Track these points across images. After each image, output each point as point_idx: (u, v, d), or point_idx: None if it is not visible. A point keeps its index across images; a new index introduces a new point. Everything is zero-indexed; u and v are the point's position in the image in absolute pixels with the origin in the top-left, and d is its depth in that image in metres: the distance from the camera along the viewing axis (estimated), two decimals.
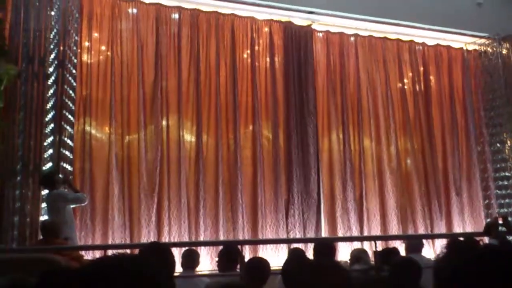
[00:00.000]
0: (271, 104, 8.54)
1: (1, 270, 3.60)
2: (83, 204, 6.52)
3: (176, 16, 8.21)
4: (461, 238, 5.64)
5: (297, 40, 8.85)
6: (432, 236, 9.22)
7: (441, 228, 9.33)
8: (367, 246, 7.82)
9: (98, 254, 6.11)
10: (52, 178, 6.12)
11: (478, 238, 5.46)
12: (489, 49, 10.26)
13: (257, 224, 8.08)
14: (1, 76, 5.71)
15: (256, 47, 8.68)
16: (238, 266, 4.60)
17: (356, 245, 7.54)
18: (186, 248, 5.58)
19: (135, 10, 7.97)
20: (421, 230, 9.16)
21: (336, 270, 2.09)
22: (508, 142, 9.80)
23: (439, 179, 9.60)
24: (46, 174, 6.24)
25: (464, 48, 10.45)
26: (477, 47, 10.38)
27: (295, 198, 8.35)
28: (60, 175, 6.37)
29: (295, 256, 5.57)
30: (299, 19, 8.96)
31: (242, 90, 8.44)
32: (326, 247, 5.33)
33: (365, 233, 8.73)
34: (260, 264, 4.27)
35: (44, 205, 6.28)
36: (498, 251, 1.30)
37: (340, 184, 8.80)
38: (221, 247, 5.21)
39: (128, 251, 6.48)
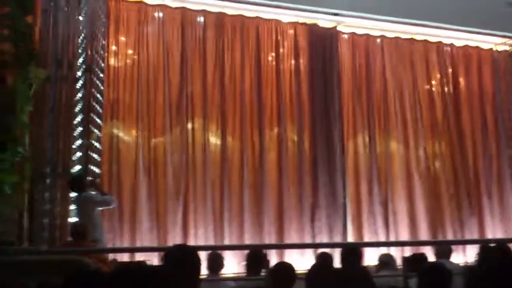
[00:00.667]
0: (296, 106, 8.51)
1: (32, 271, 3.67)
2: (111, 207, 6.58)
3: (201, 19, 8.24)
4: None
5: (322, 42, 8.80)
6: (462, 242, 9.08)
7: (472, 232, 9.17)
8: (395, 250, 7.72)
9: (126, 256, 6.19)
10: (80, 181, 6.20)
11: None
12: None
13: (282, 227, 8.06)
14: (31, 81, 5.81)
15: (281, 50, 8.65)
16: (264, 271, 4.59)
17: (383, 249, 7.44)
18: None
19: (161, 14, 8.02)
20: (450, 234, 9.01)
21: (361, 279, 2.06)
22: None
23: (469, 182, 9.43)
24: (74, 177, 6.33)
25: (494, 48, 10.24)
26: (507, 48, 10.18)
27: (321, 202, 8.30)
28: (89, 178, 6.45)
29: (321, 262, 5.53)
30: (324, 21, 8.90)
31: (267, 92, 8.43)
32: (353, 252, 5.26)
33: (392, 237, 8.62)
34: (286, 269, 4.24)
35: (72, 207, 6.38)
36: None
37: (366, 187, 8.72)
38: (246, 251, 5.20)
39: (155, 254, 6.58)
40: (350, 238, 8.43)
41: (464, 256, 8.64)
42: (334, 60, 8.82)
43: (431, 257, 6.07)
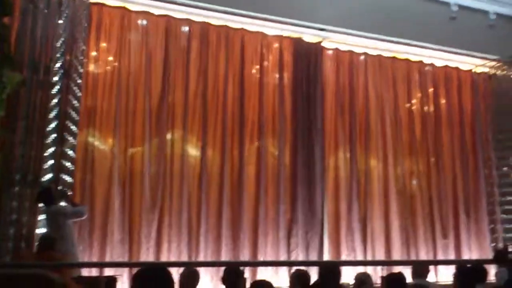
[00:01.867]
0: (278, 120, 8.40)
1: None
2: (83, 218, 6.35)
3: (186, 29, 8.09)
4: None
5: (306, 57, 8.72)
6: (440, 262, 9.10)
7: (448, 252, 9.20)
8: (371, 268, 7.65)
9: (94, 271, 5.97)
10: (49, 194, 5.95)
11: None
12: (499, 72, 10.15)
13: (257, 242, 7.91)
14: (5, 84, 5.57)
15: (265, 63, 8.56)
16: None
17: (360, 267, 7.37)
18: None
19: (144, 22, 7.85)
20: (423, 253, 9.00)
21: None
22: None
23: (446, 202, 9.45)
24: (43, 190, 6.06)
25: (474, 70, 10.34)
26: (487, 70, 10.28)
27: (299, 217, 8.19)
28: (60, 188, 6.21)
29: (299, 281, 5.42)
30: (309, 36, 8.83)
31: (249, 106, 8.31)
32: (331, 270, 5.17)
33: (369, 255, 8.57)
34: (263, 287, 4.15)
35: (41, 217, 6.13)
36: None
37: (346, 204, 8.64)
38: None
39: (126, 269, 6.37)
40: (327, 255, 8.33)
41: (436, 276, 8.65)
42: (318, 75, 8.74)
43: (408, 276, 6.01)
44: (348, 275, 6.70)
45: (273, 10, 8.37)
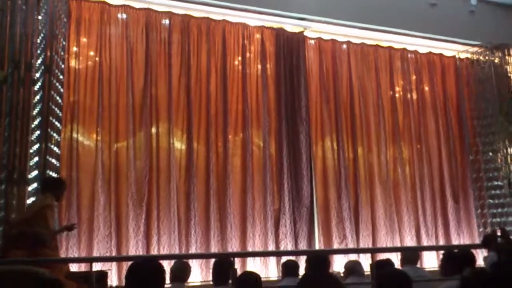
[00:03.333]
0: (263, 111, 8.41)
1: None
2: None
3: (167, 21, 8.07)
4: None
5: (289, 47, 8.74)
6: (428, 248, 9.18)
7: (438, 237, 9.30)
8: (362, 256, 7.70)
9: (83, 266, 5.94)
10: (61, 186, 5.85)
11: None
12: (481, 57, 10.24)
13: (246, 233, 7.92)
14: None
15: (248, 54, 8.55)
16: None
17: (351, 255, 7.41)
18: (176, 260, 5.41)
19: (124, 15, 7.81)
20: (408, 239, 9.05)
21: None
22: (501, 151, 9.77)
23: (433, 189, 9.52)
24: (52, 178, 6.01)
25: (457, 56, 10.43)
26: (469, 56, 10.36)
27: (286, 207, 8.20)
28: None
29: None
30: (291, 26, 8.86)
31: (233, 97, 8.31)
32: (320, 259, 5.20)
33: (361, 243, 8.61)
34: (251, 278, 4.14)
35: None
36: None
37: (335, 193, 8.67)
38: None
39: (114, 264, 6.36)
40: (318, 244, 8.36)
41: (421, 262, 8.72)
42: (301, 65, 8.76)
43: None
44: (340, 263, 6.74)
45: (254, 1, 8.35)
